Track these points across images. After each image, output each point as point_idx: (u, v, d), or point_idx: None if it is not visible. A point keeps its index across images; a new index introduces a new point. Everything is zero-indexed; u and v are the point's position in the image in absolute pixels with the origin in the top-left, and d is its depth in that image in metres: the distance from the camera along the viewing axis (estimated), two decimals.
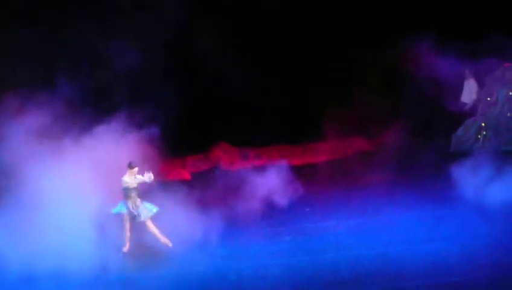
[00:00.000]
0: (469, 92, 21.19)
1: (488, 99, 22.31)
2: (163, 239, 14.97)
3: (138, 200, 15.02)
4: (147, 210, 15.03)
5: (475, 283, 12.60)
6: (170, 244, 14.93)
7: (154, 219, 15.08)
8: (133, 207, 14.91)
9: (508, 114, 22.39)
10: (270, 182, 19.40)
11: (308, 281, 12.82)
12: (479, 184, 15.82)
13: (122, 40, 18.82)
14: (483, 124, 22.19)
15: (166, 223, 15.33)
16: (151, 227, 15.03)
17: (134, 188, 15.00)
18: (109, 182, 15.16)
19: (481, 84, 21.88)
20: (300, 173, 20.79)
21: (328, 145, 22.71)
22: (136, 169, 15.02)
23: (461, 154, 18.41)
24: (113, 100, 18.18)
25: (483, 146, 22.22)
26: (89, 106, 17.28)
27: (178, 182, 19.00)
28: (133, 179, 14.98)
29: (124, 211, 14.96)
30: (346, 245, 14.50)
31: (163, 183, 18.42)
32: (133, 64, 18.82)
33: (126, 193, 14.96)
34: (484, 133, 22.35)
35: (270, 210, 17.35)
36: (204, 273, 13.37)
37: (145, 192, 15.36)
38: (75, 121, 16.20)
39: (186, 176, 20.31)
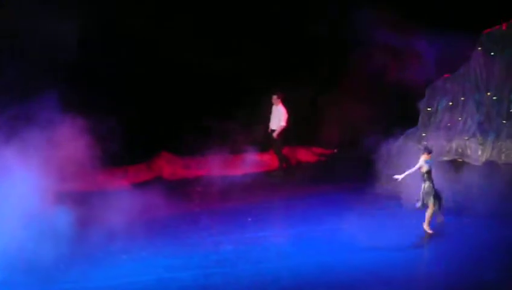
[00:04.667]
0: (277, 118, 21.08)
1: (428, 109, 22.58)
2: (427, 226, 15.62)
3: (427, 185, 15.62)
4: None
5: None
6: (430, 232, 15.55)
7: None
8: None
9: (448, 124, 22.69)
10: (210, 191, 19.49)
11: None
12: (419, 193, 15.91)
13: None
14: (423, 134, 22.44)
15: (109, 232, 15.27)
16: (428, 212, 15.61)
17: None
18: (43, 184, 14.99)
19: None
20: (242, 182, 20.84)
21: (269, 155, 22.77)
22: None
23: (402, 164, 18.50)
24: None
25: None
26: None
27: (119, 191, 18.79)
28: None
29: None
30: (287, 254, 14.49)
31: (103, 193, 18.38)
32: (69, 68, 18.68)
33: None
34: (425, 143, 22.59)
35: (211, 220, 17.33)
36: (146, 283, 13.20)
37: None
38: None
39: (127, 185, 20.10)
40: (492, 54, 22.54)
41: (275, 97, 21.09)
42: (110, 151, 18.36)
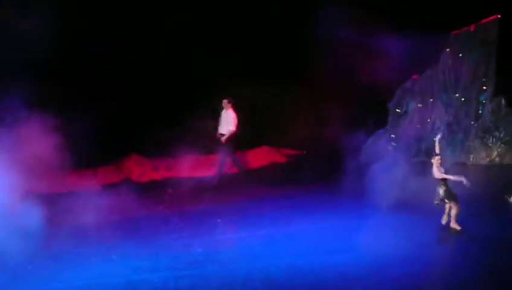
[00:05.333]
0: (226, 123, 20.93)
1: (398, 111, 22.69)
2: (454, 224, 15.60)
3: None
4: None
5: None
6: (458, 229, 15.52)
7: None
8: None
9: (418, 126, 22.81)
10: (179, 193, 19.44)
11: None
12: (390, 194, 15.97)
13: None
14: (393, 135, 22.55)
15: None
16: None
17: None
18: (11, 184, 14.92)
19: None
20: (211, 184, 20.81)
21: (240, 156, 22.76)
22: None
23: (371, 165, 18.56)
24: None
25: (393, 157, 22.57)
26: None
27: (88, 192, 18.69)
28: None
29: None
30: (257, 255, 14.45)
31: (72, 194, 18.28)
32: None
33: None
34: (394, 144, 22.71)
35: (180, 221, 17.27)
36: (115, 285, 13.11)
37: None
38: None
39: (96, 187, 19.99)
40: (460, 55, 22.69)
41: (225, 102, 20.80)
42: (79, 152, 18.29)
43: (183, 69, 22.59)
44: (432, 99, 22.94)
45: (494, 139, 22.43)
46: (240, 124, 20.74)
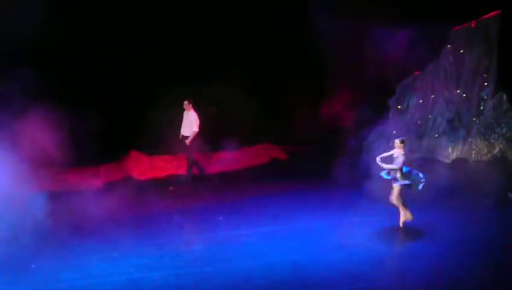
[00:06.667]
0: (189, 124, 20.66)
1: (399, 107, 22.62)
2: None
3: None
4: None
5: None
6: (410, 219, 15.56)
7: None
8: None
9: (418, 122, 22.75)
10: (181, 190, 19.44)
11: None
12: (389, 190, 15.94)
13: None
14: (394, 132, 22.48)
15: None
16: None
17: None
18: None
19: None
20: (214, 181, 20.80)
21: (241, 153, 22.75)
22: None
23: (372, 163, 18.54)
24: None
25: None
26: None
27: (90, 191, 18.71)
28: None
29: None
30: (259, 253, 14.44)
31: (73, 192, 18.27)
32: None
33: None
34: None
35: (181, 219, 17.28)
36: (117, 284, 13.10)
37: None
38: None
39: (98, 185, 19.98)
40: (461, 51, 22.62)
41: (186, 103, 20.53)
42: (80, 150, 18.29)
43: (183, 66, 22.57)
44: (433, 96, 22.88)
45: (495, 135, 22.39)
46: (243, 121, 20.72)
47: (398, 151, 15.66)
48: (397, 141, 15.66)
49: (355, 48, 21.50)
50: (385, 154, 15.80)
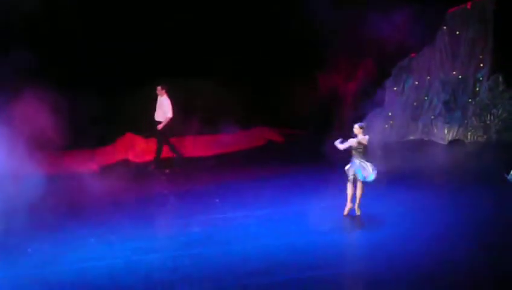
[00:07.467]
0: (162, 110, 20.37)
1: (395, 88, 22.66)
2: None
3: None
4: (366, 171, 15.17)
5: (381, 273, 12.71)
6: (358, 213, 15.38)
7: None
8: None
9: (414, 103, 22.79)
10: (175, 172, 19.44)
11: (218, 272, 12.72)
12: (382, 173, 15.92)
13: None
14: (389, 114, 22.53)
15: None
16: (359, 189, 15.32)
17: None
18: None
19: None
20: (210, 163, 20.82)
21: (237, 136, 22.75)
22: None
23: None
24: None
25: (390, 136, 22.61)
26: None
27: (86, 174, 18.73)
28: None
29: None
30: (255, 235, 14.47)
31: (70, 175, 18.28)
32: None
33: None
34: (391, 122, 22.71)
35: (178, 201, 17.30)
36: (114, 266, 13.11)
37: None
38: None
39: (94, 167, 19.96)
40: (457, 33, 22.64)
41: (159, 88, 20.30)
42: (76, 133, 18.29)
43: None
44: (428, 77, 22.91)
45: (491, 117, 22.44)
46: (240, 104, 20.71)
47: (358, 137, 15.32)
48: (356, 126, 15.30)
49: (352, 30, 21.47)
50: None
